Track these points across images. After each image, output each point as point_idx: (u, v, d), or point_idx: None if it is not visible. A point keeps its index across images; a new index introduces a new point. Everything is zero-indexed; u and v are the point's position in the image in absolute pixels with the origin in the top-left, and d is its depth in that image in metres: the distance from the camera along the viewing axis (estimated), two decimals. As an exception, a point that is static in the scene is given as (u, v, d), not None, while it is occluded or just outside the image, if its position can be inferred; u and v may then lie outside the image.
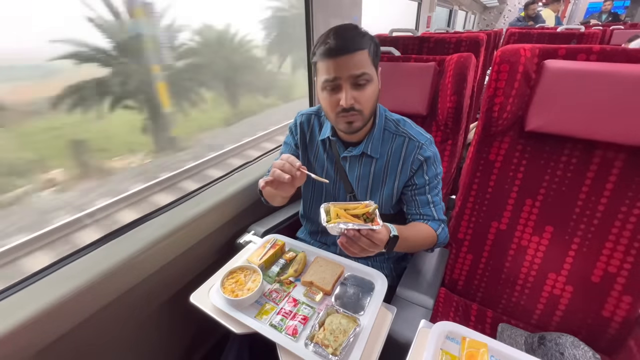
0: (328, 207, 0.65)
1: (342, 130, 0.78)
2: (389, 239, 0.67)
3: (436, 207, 0.84)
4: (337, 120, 0.75)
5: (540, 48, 0.83)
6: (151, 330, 0.97)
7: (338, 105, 0.71)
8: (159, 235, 0.87)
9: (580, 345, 0.75)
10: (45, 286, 0.70)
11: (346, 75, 0.68)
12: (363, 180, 0.86)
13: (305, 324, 0.64)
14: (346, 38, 0.67)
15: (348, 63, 0.67)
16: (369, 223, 0.62)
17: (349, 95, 0.69)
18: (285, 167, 0.66)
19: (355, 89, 0.70)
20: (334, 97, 0.71)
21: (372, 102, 0.74)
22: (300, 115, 0.94)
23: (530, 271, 0.92)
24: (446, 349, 0.58)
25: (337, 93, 0.70)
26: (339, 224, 0.60)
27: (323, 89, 0.72)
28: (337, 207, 0.64)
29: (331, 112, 0.74)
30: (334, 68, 0.68)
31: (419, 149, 0.80)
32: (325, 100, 0.73)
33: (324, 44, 0.68)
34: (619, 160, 0.78)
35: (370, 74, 0.70)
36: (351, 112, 0.71)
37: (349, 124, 0.74)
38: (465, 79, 1.07)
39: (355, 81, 0.69)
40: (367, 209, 0.63)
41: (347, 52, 0.67)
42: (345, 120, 0.73)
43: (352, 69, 0.68)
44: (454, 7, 5.83)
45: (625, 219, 0.79)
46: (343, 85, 0.69)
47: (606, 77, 0.73)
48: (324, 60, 0.69)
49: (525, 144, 0.89)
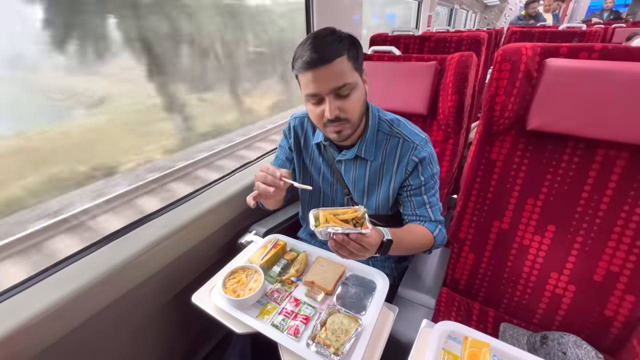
0: (317, 213, 0.63)
1: (332, 139, 0.78)
2: (382, 243, 0.65)
3: (432, 207, 0.83)
4: (326, 130, 0.75)
5: (542, 47, 0.83)
6: (153, 331, 0.97)
7: (323, 117, 0.70)
8: (161, 235, 0.88)
9: (583, 345, 0.75)
10: (46, 288, 0.71)
11: (327, 89, 0.66)
12: (359, 182, 0.86)
13: (307, 323, 0.64)
14: (322, 47, 0.64)
15: (327, 75, 0.65)
16: (359, 227, 0.60)
17: (333, 107, 0.67)
18: (268, 180, 0.67)
19: (339, 99, 0.68)
20: (319, 109, 0.70)
21: (358, 108, 0.72)
22: (293, 119, 0.93)
23: (532, 270, 0.92)
24: (448, 349, 0.58)
25: (321, 104, 0.69)
26: (326, 228, 0.58)
27: (307, 102, 0.72)
28: (326, 213, 0.62)
29: (318, 123, 0.74)
30: (313, 83, 0.66)
31: (413, 150, 0.78)
32: (311, 112, 0.73)
33: (300, 57, 0.66)
34: (621, 159, 0.78)
35: (352, 82, 0.68)
36: (337, 123, 0.70)
37: (338, 133, 0.73)
38: (467, 78, 1.06)
39: (337, 92, 0.67)
40: (357, 214, 0.62)
41: (324, 63, 0.64)
42: (334, 130, 0.73)
43: (332, 81, 0.66)
44: (455, 6, 5.82)
45: (627, 218, 0.78)
46: (325, 98, 0.68)
47: (608, 75, 0.73)
48: (303, 74, 0.67)
49: (527, 143, 0.88)
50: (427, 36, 1.67)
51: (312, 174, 0.93)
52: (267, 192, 0.66)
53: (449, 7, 5.75)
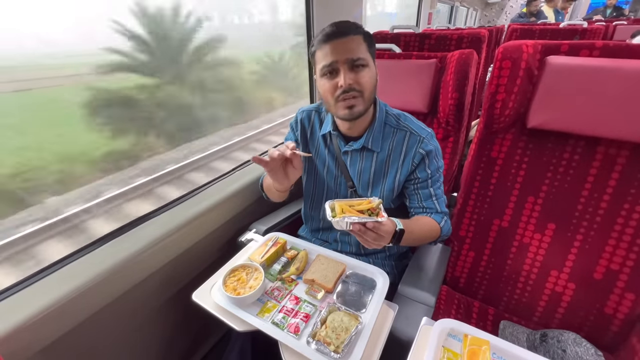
0: (333, 204, 0.66)
1: (343, 116, 0.76)
2: (395, 232, 0.68)
3: (439, 199, 0.85)
4: (337, 106, 0.75)
5: (543, 44, 0.82)
6: (153, 329, 0.98)
7: (337, 89, 0.72)
8: (161, 233, 0.88)
9: (583, 343, 0.75)
10: (48, 285, 0.71)
11: (343, 58, 0.71)
12: (364, 174, 0.86)
13: (307, 321, 0.65)
14: (341, 24, 0.72)
15: (344, 47, 0.71)
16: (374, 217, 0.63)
17: (347, 77, 0.71)
18: (280, 148, 0.74)
19: (353, 71, 0.72)
20: (333, 81, 0.73)
21: (370, 85, 0.75)
22: (301, 112, 0.94)
23: (532, 268, 0.92)
24: (448, 347, 0.58)
25: (335, 77, 0.73)
26: (344, 218, 0.61)
27: (322, 76, 0.75)
28: (342, 204, 0.65)
29: (331, 97, 0.74)
30: (331, 52, 0.71)
31: (420, 143, 0.80)
32: (324, 86, 0.75)
33: (321, 33, 0.73)
34: (621, 157, 0.78)
35: (367, 60, 0.73)
36: (351, 93, 0.72)
37: (350, 109, 0.73)
38: (467, 75, 1.06)
39: (352, 64, 0.71)
40: (372, 205, 0.65)
41: (343, 36, 0.71)
42: (346, 105, 0.73)
43: (349, 52, 0.71)
44: (456, 4, 5.79)
45: (628, 216, 0.78)
46: (340, 68, 0.71)
47: (609, 73, 0.73)
48: (321, 46, 0.73)
49: (527, 141, 0.88)
50: (428, 34, 1.66)
51: (317, 167, 0.93)
52: (272, 154, 0.73)
53: (450, 4, 5.72)
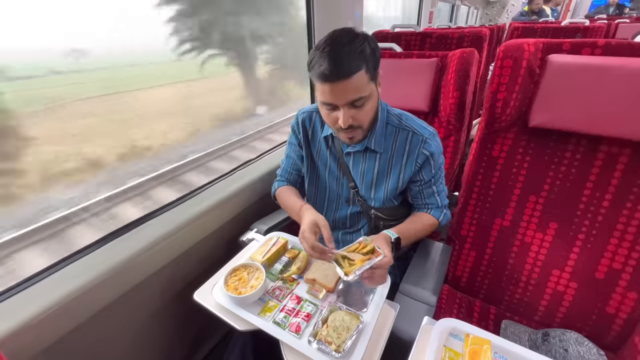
0: (336, 258, 0.67)
1: (344, 142, 0.83)
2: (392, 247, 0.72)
3: (440, 194, 0.88)
4: (338, 134, 0.79)
5: (544, 43, 0.82)
6: (155, 328, 0.98)
7: (337, 122, 0.72)
8: (162, 233, 0.88)
9: (585, 342, 0.75)
10: (50, 285, 0.71)
11: (342, 102, 0.68)
12: (367, 175, 0.86)
13: (308, 321, 0.65)
14: (341, 59, 0.63)
15: (344, 89, 0.66)
16: (372, 256, 0.65)
17: (347, 116, 0.69)
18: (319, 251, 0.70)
19: (353, 109, 0.70)
20: (333, 115, 0.72)
21: (370, 115, 0.76)
22: (301, 113, 0.93)
23: (534, 268, 0.92)
24: (449, 346, 0.58)
25: (335, 111, 0.71)
26: (355, 273, 0.62)
27: (321, 106, 0.74)
28: (340, 255, 0.67)
29: (332, 127, 0.78)
30: (329, 94, 0.67)
31: (423, 143, 0.80)
32: (325, 116, 0.75)
33: (318, 65, 0.64)
34: (623, 156, 0.78)
35: (368, 94, 0.69)
36: (350, 130, 0.73)
37: (350, 139, 0.78)
38: (468, 74, 1.06)
39: (353, 103, 0.68)
40: (366, 247, 0.67)
41: (344, 78, 0.64)
42: (346, 137, 0.77)
43: (349, 95, 0.67)
44: (456, 2, 5.77)
45: (630, 215, 0.78)
46: (341, 108, 0.69)
47: (611, 71, 0.72)
48: (320, 83, 0.67)
49: (528, 140, 0.88)
50: (429, 33, 1.66)
51: (319, 168, 0.93)
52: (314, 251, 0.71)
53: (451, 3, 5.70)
